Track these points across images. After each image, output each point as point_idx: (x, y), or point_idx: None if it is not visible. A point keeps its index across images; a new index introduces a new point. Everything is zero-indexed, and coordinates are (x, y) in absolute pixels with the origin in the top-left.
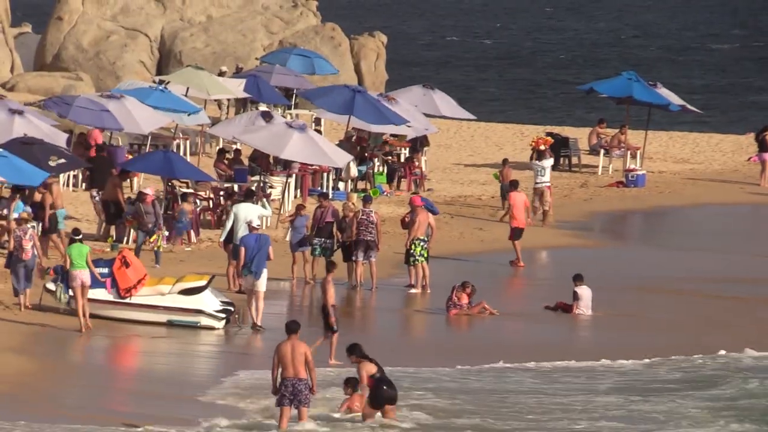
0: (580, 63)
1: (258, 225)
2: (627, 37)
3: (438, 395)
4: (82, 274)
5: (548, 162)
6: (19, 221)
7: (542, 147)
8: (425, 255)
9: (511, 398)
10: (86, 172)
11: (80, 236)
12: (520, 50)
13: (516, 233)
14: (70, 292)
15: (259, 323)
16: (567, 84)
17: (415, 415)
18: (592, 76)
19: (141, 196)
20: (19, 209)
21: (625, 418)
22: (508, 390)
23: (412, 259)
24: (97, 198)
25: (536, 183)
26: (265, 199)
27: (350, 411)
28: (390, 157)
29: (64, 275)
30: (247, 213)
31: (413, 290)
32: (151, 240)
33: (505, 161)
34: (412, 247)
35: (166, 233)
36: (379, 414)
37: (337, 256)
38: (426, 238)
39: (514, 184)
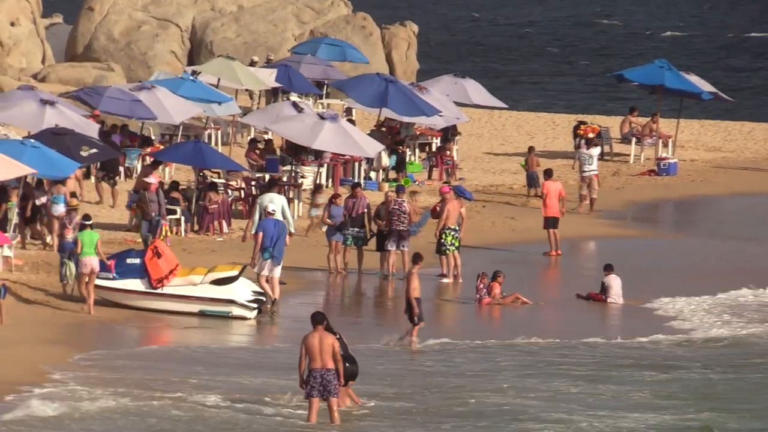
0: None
1: (273, 210)
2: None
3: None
4: (92, 261)
5: (596, 150)
6: (69, 210)
7: (591, 135)
8: (456, 244)
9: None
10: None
11: (90, 222)
12: (552, 39)
13: (549, 222)
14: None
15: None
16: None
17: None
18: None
19: (145, 184)
20: (60, 200)
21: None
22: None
23: (443, 248)
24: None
25: (584, 171)
26: (291, 218)
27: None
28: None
29: (76, 257)
30: (272, 202)
31: (445, 280)
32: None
33: (531, 149)
34: (443, 236)
35: (166, 221)
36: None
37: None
38: (457, 228)
39: (548, 173)
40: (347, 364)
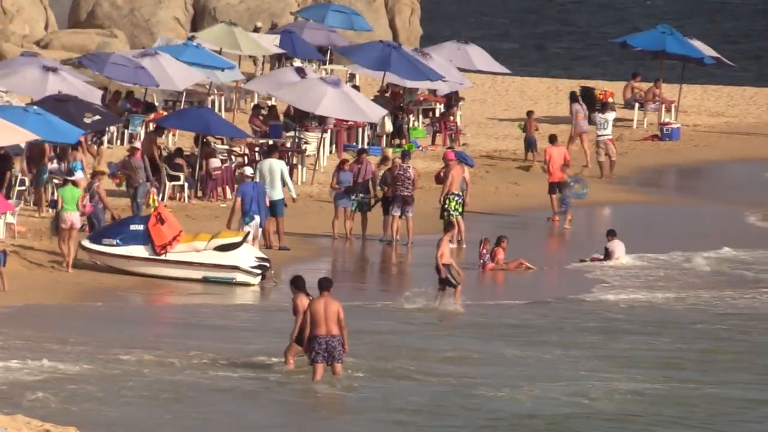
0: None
1: (252, 175)
2: None
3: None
4: (73, 216)
5: (611, 115)
6: (94, 174)
7: (610, 99)
8: (460, 210)
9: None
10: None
11: (74, 178)
12: (552, 4)
13: (552, 187)
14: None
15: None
16: (599, 37)
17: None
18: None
19: (131, 150)
20: (78, 167)
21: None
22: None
23: (446, 214)
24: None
25: (599, 136)
26: (291, 183)
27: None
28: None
29: (56, 215)
30: (271, 168)
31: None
32: (142, 201)
33: (529, 113)
34: (446, 202)
35: (153, 189)
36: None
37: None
38: (461, 193)
39: (552, 139)
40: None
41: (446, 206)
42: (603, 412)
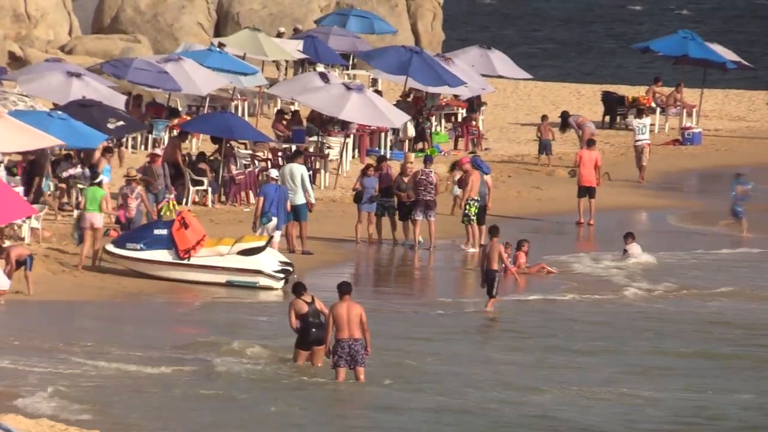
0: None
1: (277, 177)
2: None
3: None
4: (93, 217)
5: (648, 120)
6: (128, 180)
7: (653, 104)
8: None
9: None
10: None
11: (99, 180)
12: (573, 9)
13: (581, 191)
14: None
15: None
16: (622, 42)
17: None
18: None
19: (151, 156)
20: (105, 172)
21: None
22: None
23: (466, 218)
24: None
25: (636, 141)
26: (310, 189)
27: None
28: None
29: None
30: (292, 172)
31: (471, 249)
32: (160, 208)
33: (544, 117)
34: (467, 207)
35: (172, 195)
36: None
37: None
38: (478, 198)
39: (590, 143)
40: (313, 329)
41: (466, 211)
42: None
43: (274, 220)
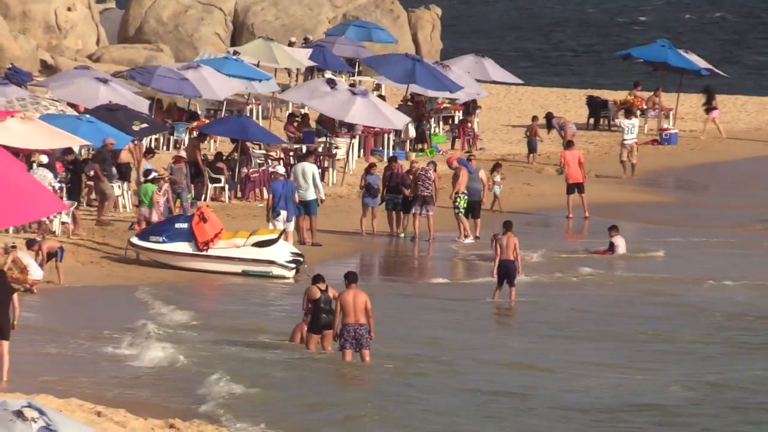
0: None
1: (284, 173)
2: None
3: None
4: (145, 211)
5: (637, 121)
6: (156, 179)
7: (644, 106)
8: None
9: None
10: None
11: (152, 176)
12: (558, 18)
13: (570, 188)
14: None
15: None
16: (598, 49)
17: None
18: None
19: (176, 158)
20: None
21: None
22: None
23: (456, 211)
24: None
25: (625, 140)
26: (321, 186)
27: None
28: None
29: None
30: (304, 170)
31: (467, 240)
32: (177, 206)
33: (534, 118)
34: (457, 199)
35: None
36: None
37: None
38: (466, 192)
39: (569, 144)
40: (323, 314)
41: (457, 203)
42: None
43: (284, 213)
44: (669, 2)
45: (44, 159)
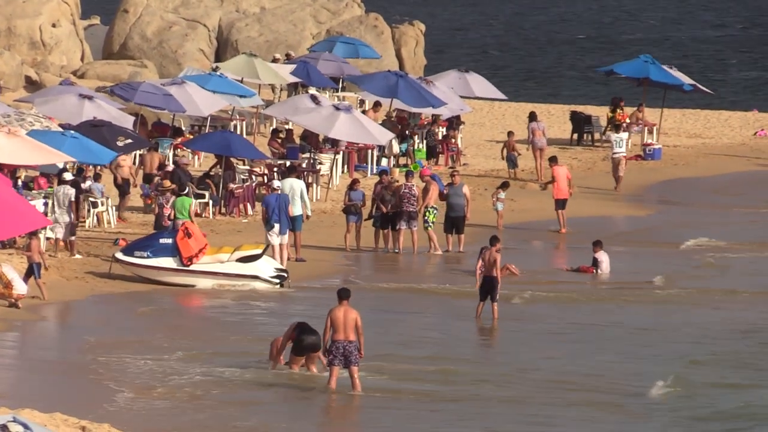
0: (595, 45)
1: (278, 186)
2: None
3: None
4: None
5: (625, 135)
6: (162, 190)
7: (629, 121)
8: (434, 221)
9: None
10: None
11: (186, 191)
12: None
13: (559, 203)
14: None
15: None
16: (584, 66)
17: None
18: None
19: (164, 174)
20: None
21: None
22: None
23: (425, 225)
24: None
25: (614, 153)
26: (308, 202)
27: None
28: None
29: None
30: (292, 186)
31: (439, 251)
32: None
33: (510, 133)
34: (426, 213)
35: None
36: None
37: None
38: (436, 207)
39: (554, 159)
40: (305, 336)
41: (426, 217)
42: None
43: (277, 226)
44: (661, 18)
45: (68, 176)
